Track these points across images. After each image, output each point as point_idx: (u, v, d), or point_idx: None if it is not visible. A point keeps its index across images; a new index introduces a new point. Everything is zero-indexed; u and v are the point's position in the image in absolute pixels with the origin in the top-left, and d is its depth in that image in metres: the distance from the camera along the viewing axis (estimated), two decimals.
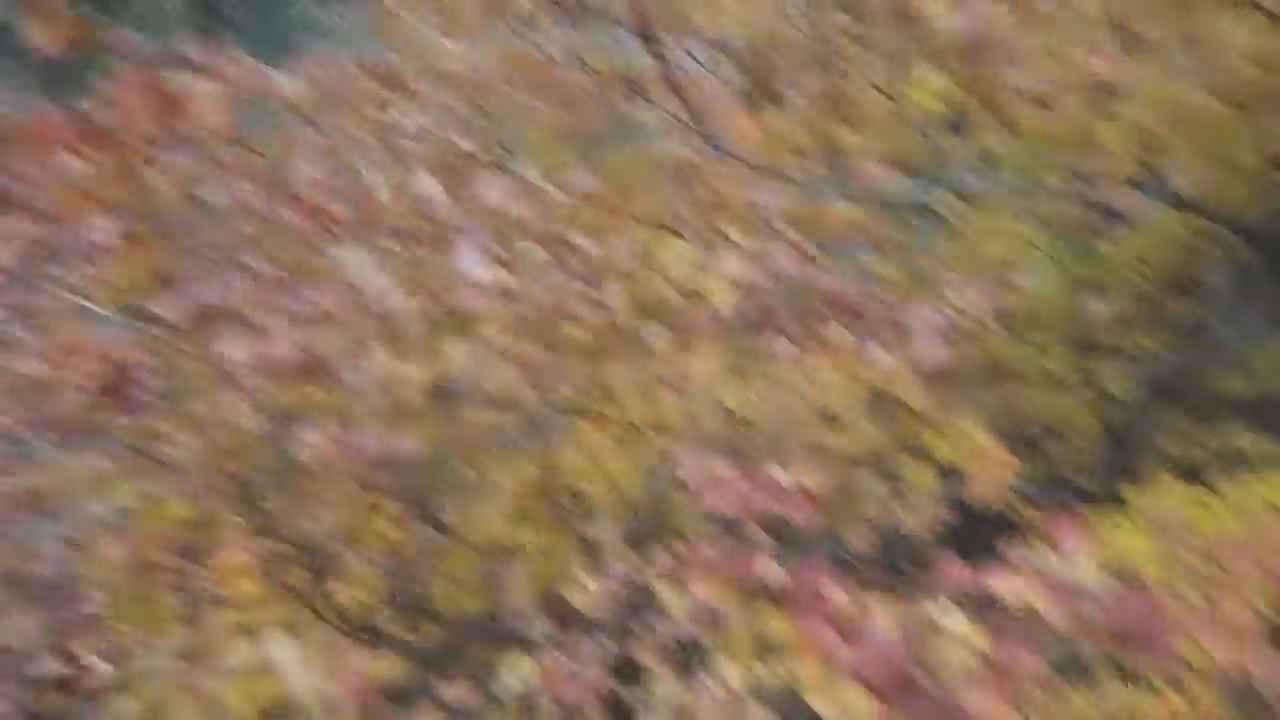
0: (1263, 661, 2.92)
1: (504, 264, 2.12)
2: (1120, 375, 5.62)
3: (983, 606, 1.79)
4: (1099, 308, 5.75)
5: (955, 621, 1.74)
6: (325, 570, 2.52)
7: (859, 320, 2.13)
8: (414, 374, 1.87)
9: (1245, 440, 5.06)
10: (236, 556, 2.37)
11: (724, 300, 2.18)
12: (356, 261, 1.87)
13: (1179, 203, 3.25)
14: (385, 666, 2.32)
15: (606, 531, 2.55)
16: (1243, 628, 3.01)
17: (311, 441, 1.84)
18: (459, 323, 1.91)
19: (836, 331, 2.15)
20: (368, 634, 2.48)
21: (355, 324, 1.83)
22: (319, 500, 2.14)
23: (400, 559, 2.43)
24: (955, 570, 1.89)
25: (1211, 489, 3.95)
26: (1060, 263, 5.47)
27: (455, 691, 2.18)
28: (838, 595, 2.02)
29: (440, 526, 2.47)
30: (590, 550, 2.44)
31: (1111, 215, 4.60)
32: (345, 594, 2.62)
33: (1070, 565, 2.35)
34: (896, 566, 2.64)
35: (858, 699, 1.89)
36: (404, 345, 1.83)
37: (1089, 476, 5.39)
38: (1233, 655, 2.91)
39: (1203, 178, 3.28)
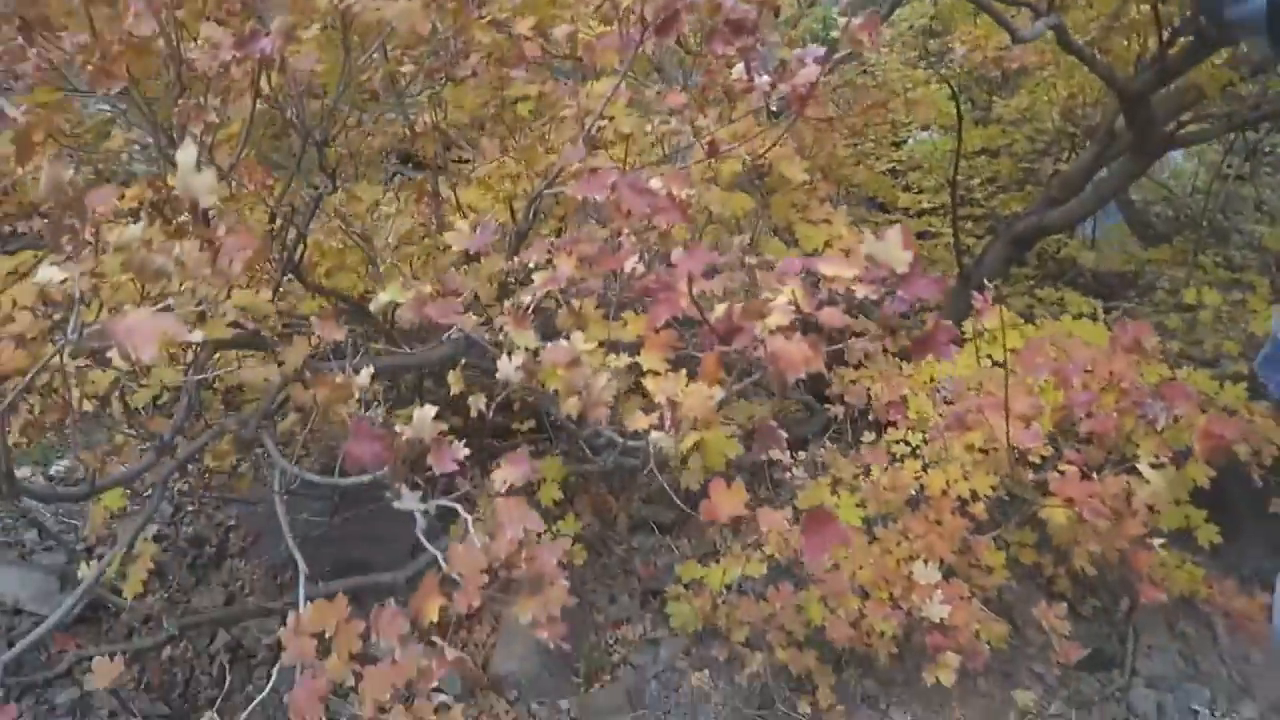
0: (1027, 438, 3.42)
1: None
2: (980, 229, 6.11)
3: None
4: (976, 166, 6.16)
5: (784, 293, 2.00)
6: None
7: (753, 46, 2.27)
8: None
9: (1070, 298, 5.64)
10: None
11: None
12: None
13: (1066, 45, 3.44)
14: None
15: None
16: (1024, 414, 3.50)
17: (215, 42, 1.88)
18: None
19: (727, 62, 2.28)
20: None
21: None
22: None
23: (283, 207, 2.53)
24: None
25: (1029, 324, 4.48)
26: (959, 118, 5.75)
27: (327, 329, 2.36)
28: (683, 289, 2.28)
29: (331, 178, 2.57)
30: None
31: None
32: None
33: None
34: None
35: (687, 386, 2.21)
36: None
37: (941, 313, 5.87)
38: (1014, 434, 3.39)
39: (1094, 27, 3.49)
